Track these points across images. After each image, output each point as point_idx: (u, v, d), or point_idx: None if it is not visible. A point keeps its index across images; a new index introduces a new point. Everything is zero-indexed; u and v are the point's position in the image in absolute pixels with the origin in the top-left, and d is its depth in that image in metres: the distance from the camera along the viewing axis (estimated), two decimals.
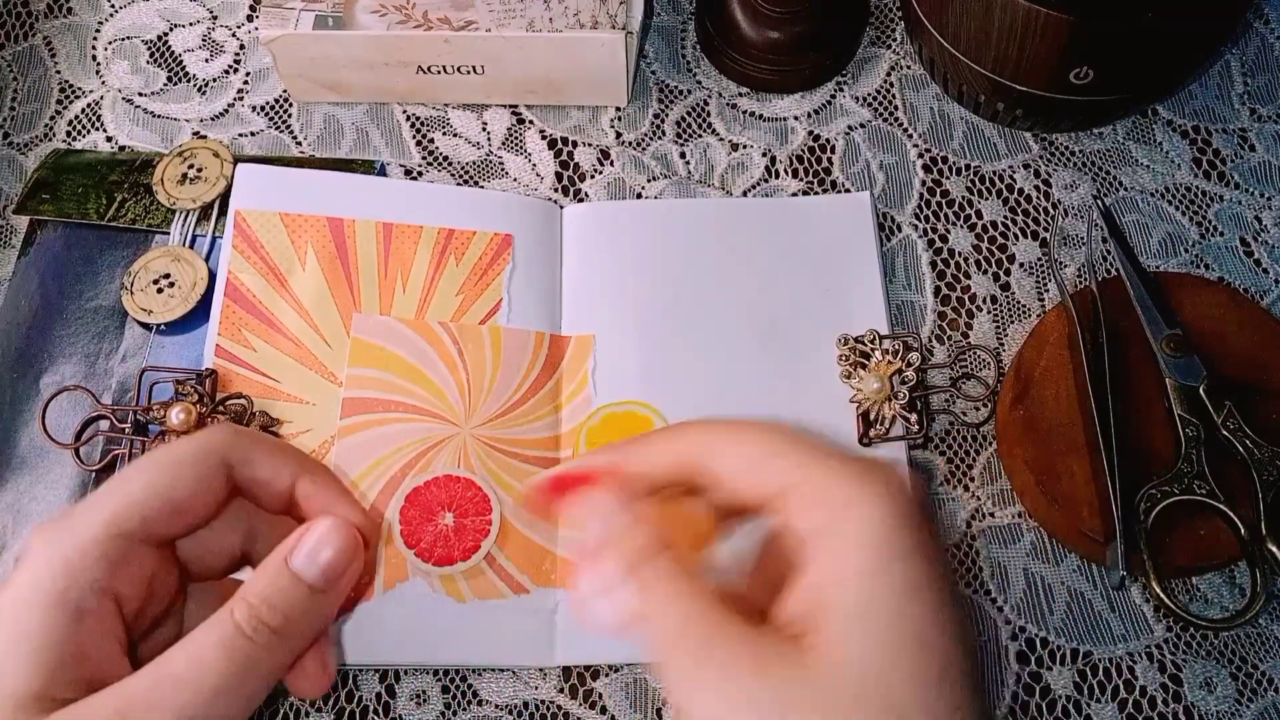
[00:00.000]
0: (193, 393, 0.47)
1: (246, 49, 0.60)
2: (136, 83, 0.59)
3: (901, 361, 0.49)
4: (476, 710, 0.46)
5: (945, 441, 0.50)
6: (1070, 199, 0.56)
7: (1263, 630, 0.47)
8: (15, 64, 0.59)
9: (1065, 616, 0.47)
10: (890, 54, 0.60)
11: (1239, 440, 0.45)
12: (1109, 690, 0.46)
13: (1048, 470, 0.47)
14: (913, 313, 0.53)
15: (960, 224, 0.55)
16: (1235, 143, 0.57)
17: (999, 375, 0.50)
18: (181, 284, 0.51)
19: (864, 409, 0.49)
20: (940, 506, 0.49)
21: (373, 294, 0.51)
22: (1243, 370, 0.48)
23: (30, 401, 0.50)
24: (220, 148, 0.55)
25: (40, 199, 0.54)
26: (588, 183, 0.56)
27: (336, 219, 0.52)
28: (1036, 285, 0.54)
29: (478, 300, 0.51)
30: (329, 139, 0.57)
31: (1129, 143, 0.57)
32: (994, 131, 0.57)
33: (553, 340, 0.51)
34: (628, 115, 0.58)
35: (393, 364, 0.49)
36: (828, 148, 0.57)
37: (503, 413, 0.49)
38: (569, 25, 0.53)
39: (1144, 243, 0.55)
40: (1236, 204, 0.55)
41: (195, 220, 0.53)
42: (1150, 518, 0.44)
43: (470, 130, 0.58)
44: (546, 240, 0.53)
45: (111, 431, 0.48)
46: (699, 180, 0.56)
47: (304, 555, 0.35)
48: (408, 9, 0.53)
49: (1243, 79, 0.59)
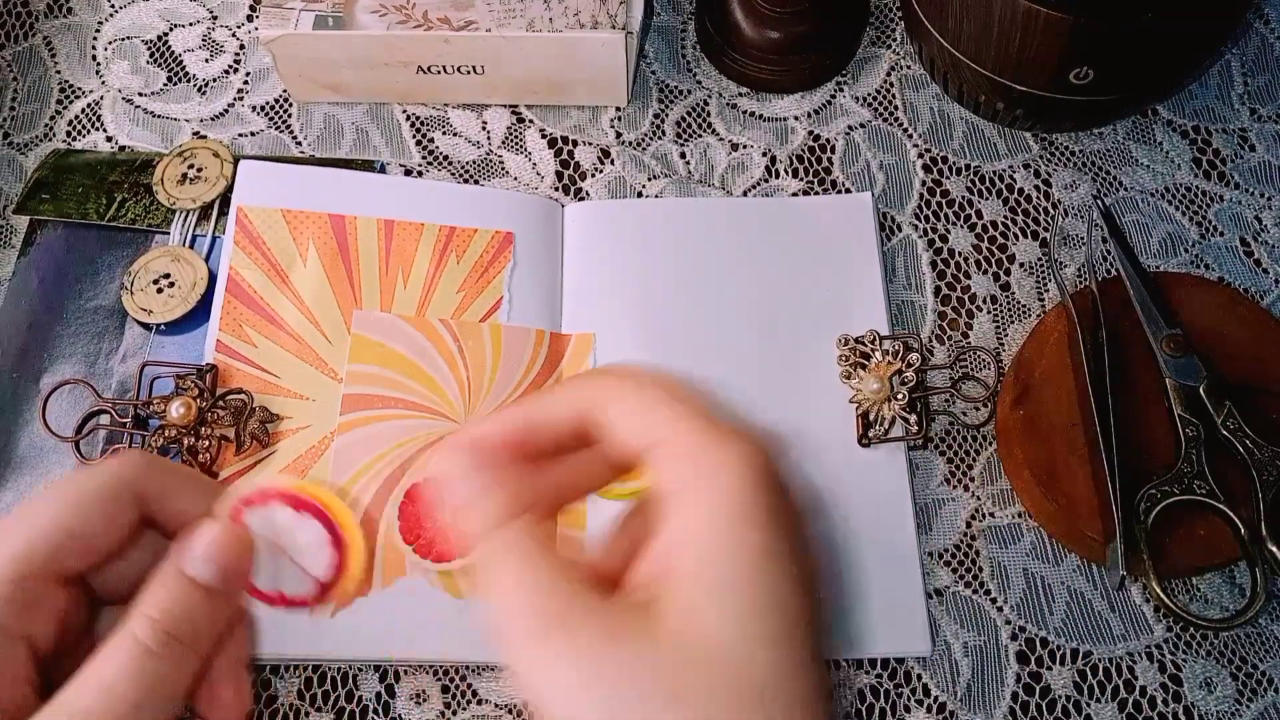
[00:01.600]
0: (193, 387, 0.47)
1: (246, 49, 0.60)
2: (136, 83, 0.59)
3: (901, 362, 0.49)
4: (476, 709, 0.46)
5: (945, 442, 0.50)
6: (1070, 199, 0.56)
7: (1263, 630, 0.47)
8: (15, 64, 0.59)
9: (1065, 616, 0.47)
10: (890, 54, 0.60)
11: (1239, 440, 0.45)
12: (1109, 690, 0.46)
13: (1048, 470, 0.47)
14: (913, 313, 0.53)
15: (960, 224, 0.55)
16: (1235, 143, 0.57)
17: (999, 376, 0.50)
18: (181, 284, 0.51)
19: (864, 409, 0.49)
20: (940, 506, 0.49)
21: (374, 290, 0.51)
22: (1243, 370, 0.48)
23: (30, 401, 0.50)
24: (220, 148, 0.55)
25: (40, 199, 0.54)
26: (588, 182, 0.56)
27: (338, 215, 0.52)
28: (1036, 285, 0.54)
29: (478, 298, 0.51)
30: (329, 139, 0.57)
31: (1129, 143, 0.57)
32: (994, 131, 0.57)
33: (553, 338, 0.51)
34: (628, 115, 0.58)
35: (393, 361, 0.49)
36: (828, 148, 0.57)
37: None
38: (569, 25, 0.53)
39: (1144, 243, 0.55)
40: (1236, 204, 0.55)
41: (195, 220, 0.53)
42: (1150, 518, 0.44)
43: (470, 130, 0.58)
44: (547, 238, 0.53)
45: (112, 426, 0.48)
46: (699, 180, 0.56)
47: (197, 558, 0.34)
48: (408, 9, 0.53)
49: (1243, 79, 0.59)
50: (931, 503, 0.49)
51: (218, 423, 0.47)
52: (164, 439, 0.46)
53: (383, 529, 0.47)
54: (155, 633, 0.32)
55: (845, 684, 0.46)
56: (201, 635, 0.33)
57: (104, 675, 0.31)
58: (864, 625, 0.45)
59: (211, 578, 0.33)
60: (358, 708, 0.45)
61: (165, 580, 0.33)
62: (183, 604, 0.33)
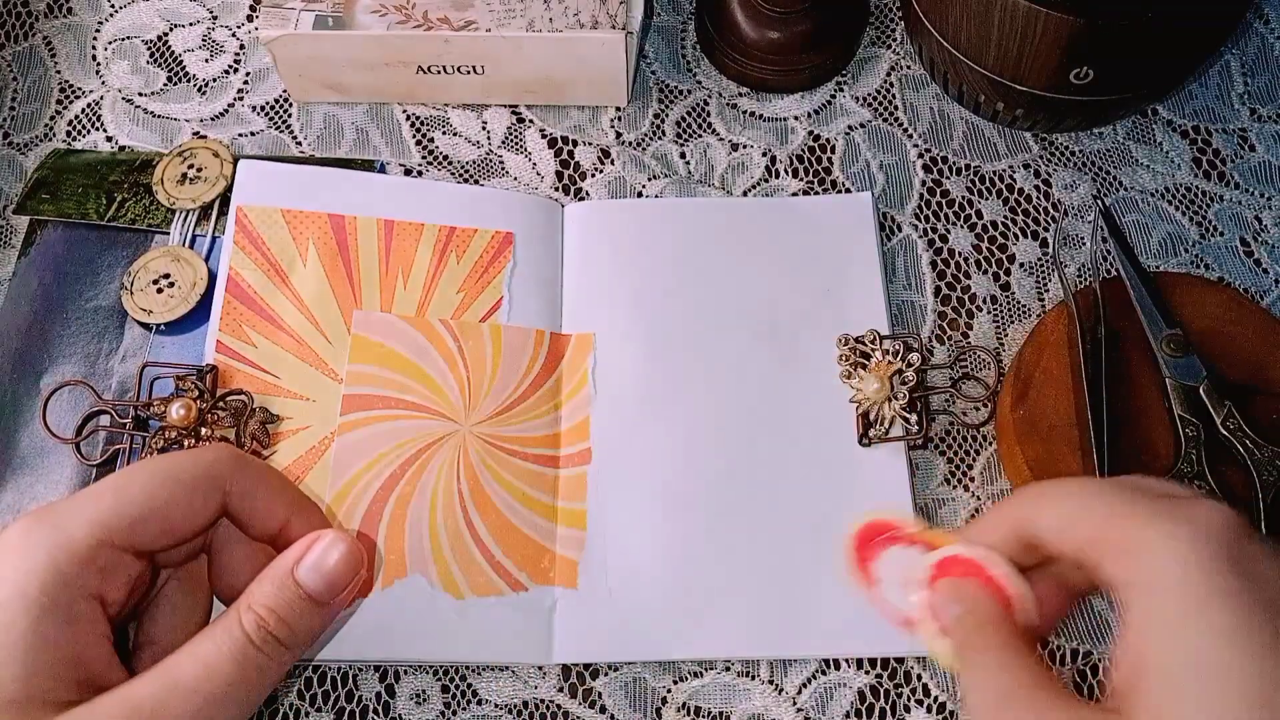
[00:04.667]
0: (193, 388, 0.47)
1: (246, 49, 0.60)
2: (136, 83, 0.59)
3: (901, 362, 0.49)
4: (476, 710, 0.46)
5: (945, 442, 0.50)
6: (1070, 199, 0.56)
7: None
8: (15, 64, 0.59)
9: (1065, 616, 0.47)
10: (890, 54, 0.60)
11: (1239, 440, 0.45)
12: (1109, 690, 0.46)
13: (1048, 470, 0.47)
14: (913, 313, 0.53)
15: (960, 224, 0.55)
16: (1235, 143, 0.57)
17: (999, 375, 0.50)
18: (181, 284, 0.51)
19: (864, 409, 0.49)
20: (940, 506, 0.49)
21: (373, 291, 0.51)
22: (1243, 370, 0.48)
23: (30, 401, 0.49)
24: (220, 147, 0.55)
25: (40, 199, 0.54)
26: (588, 182, 0.56)
27: (338, 215, 0.52)
28: (1036, 285, 0.54)
29: (478, 298, 0.51)
30: (329, 139, 0.57)
31: (1129, 143, 0.57)
32: (994, 131, 0.57)
33: (553, 338, 0.51)
34: (628, 115, 0.58)
35: (393, 361, 0.49)
36: (828, 148, 0.57)
37: (503, 410, 0.49)
38: (569, 25, 0.53)
39: (1144, 243, 0.55)
40: (1236, 204, 0.56)
41: (195, 220, 0.53)
42: None
43: (470, 130, 0.58)
44: (548, 238, 0.53)
45: (112, 427, 0.48)
46: (699, 180, 0.56)
47: (309, 566, 0.35)
48: (408, 9, 0.53)
49: (1243, 79, 0.59)
50: (931, 502, 0.49)
51: (218, 424, 0.47)
52: (164, 440, 0.46)
53: (378, 544, 0.46)
54: (258, 630, 0.34)
55: (845, 684, 0.46)
56: (299, 641, 0.35)
57: (209, 655, 0.33)
58: (864, 624, 0.45)
59: (319, 590, 0.35)
60: (358, 708, 0.45)
61: (276, 580, 0.35)
62: (287, 609, 0.34)
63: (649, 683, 0.46)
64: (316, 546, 0.36)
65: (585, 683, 0.46)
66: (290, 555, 0.36)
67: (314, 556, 0.36)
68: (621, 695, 0.46)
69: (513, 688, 0.46)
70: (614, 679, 0.46)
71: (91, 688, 0.32)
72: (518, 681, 0.46)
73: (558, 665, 0.46)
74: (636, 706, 0.46)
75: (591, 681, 0.46)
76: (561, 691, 0.46)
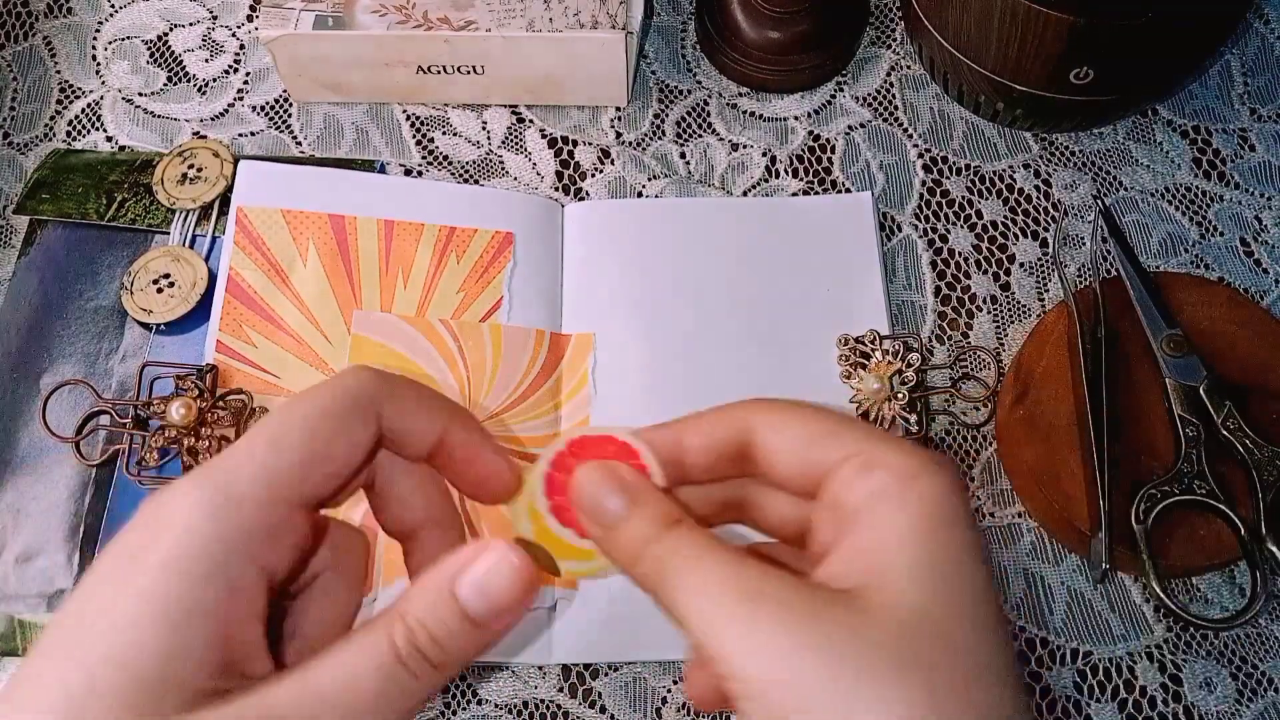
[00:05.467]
0: (193, 388, 0.47)
1: (246, 49, 0.60)
2: (136, 83, 0.59)
3: (901, 362, 0.49)
4: (476, 709, 0.46)
5: (945, 442, 0.50)
6: (1070, 199, 0.56)
7: (1263, 630, 0.47)
8: (15, 64, 0.59)
9: (1065, 616, 0.47)
10: (890, 54, 0.60)
11: (1239, 440, 0.45)
12: (1109, 690, 0.46)
13: (1048, 470, 0.47)
14: (913, 313, 0.53)
15: (960, 224, 0.55)
16: (1235, 143, 0.57)
17: (999, 375, 0.50)
18: (181, 284, 0.51)
19: (864, 409, 0.49)
20: None
21: (374, 291, 0.51)
22: (1243, 370, 0.48)
23: (30, 401, 0.50)
24: (220, 148, 0.55)
25: (40, 199, 0.54)
26: (588, 182, 0.56)
27: (338, 216, 0.52)
28: (1036, 285, 0.54)
29: (478, 298, 0.51)
30: (329, 139, 0.57)
31: (1129, 143, 0.57)
32: (994, 131, 0.57)
33: (553, 338, 0.51)
34: (628, 115, 0.58)
35: (393, 361, 0.49)
36: (828, 148, 0.57)
37: (503, 410, 0.49)
38: (569, 25, 0.53)
39: (1144, 243, 0.55)
40: (1236, 204, 0.56)
41: (195, 220, 0.53)
42: (1150, 518, 0.44)
43: (470, 130, 0.58)
44: (547, 238, 0.53)
45: (112, 426, 0.48)
46: (699, 180, 0.56)
47: (472, 584, 0.30)
48: (408, 9, 0.53)
49: (1243, 79, 0.59)
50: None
51: (218, 423, 0.47)
52: (164, 440, 0.46)
53: None
54: (408, 644, 0.29)
55: None
56: (450, 664, 0.30)
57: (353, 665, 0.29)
58: None
59: (480, 612, 0.30)
60: None
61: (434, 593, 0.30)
62: (442, 626, 0.30)
63: (649, 683, 0.46)
64: (484, 559, 0.30)
65: (585, 683, 0.46)
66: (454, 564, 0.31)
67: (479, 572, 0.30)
68: (621, 695, 0.46)
69: (513, 688, 0.46)
70: (614, 679, 0.46)
71: (233, 674, 0.28)
72: (518, 681, 0.46)
73: (558, 665, 0.46)
74: (636, 706, 0.46)
75: (591, 681, 0.46)
76: (561, 691, 0.46)
